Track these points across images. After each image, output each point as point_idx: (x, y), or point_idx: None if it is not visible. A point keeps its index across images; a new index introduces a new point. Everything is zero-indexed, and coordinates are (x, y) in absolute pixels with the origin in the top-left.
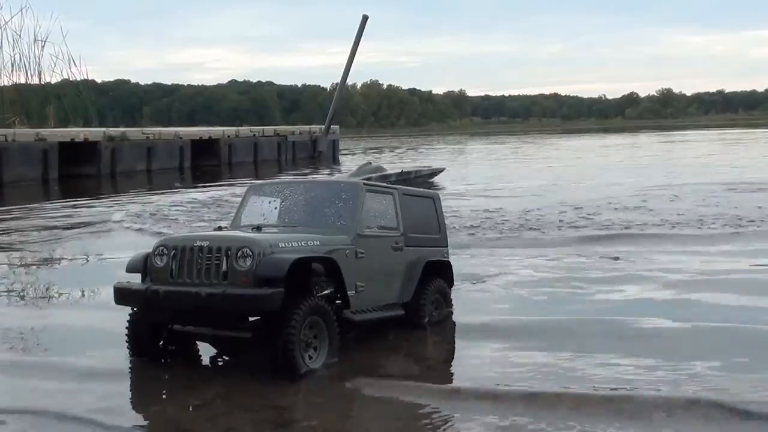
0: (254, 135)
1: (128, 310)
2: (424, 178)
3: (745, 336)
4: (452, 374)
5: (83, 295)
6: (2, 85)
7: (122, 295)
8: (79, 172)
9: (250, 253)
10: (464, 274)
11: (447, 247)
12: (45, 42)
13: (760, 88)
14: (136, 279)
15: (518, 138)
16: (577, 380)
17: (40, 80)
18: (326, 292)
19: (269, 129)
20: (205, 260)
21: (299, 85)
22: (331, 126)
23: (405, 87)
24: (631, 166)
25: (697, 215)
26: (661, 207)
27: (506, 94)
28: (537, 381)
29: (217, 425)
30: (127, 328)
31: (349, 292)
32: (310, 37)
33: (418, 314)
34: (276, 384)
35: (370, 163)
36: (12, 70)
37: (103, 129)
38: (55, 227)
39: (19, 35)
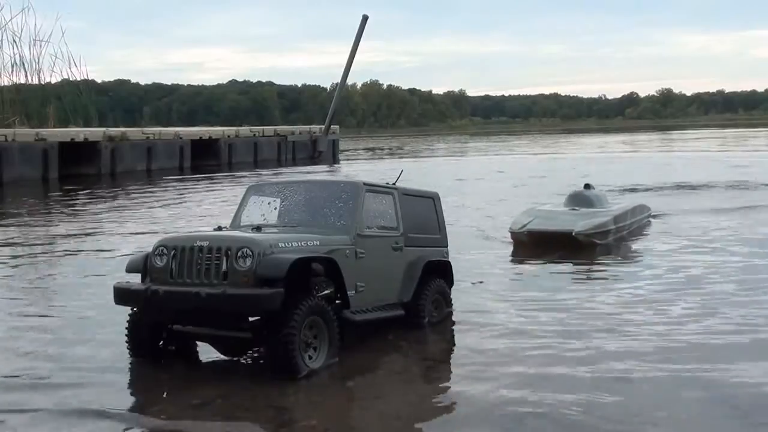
0: (254, 135)
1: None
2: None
3: None
4: (452, 375)
5: None
6: (2, 85)
7: (122, 296)
8: (79, 172)
9: (250, 253)
10: (464, 273)
11: (447, 247)
12: (45, 42)
13: (760, 88)
14: (136, 279)
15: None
16: (578, 381)
17: (40, 80)
18: (326, 292)
19: (269, 129)
20: (205, 260)
21: (299, 85)
22: (331, 126)
23: (405, 87)
24: None
25: None
26: None
27: (506, 94)
28: (538, 382)
29: (217, 425)
30: (126, 328)
31: (349, 292)
32: (310, 37)
33: (418, 314)
34: (276, 384)
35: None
36: (12, 70)
37: (103, 129)
38: None
39: (19, 35)
